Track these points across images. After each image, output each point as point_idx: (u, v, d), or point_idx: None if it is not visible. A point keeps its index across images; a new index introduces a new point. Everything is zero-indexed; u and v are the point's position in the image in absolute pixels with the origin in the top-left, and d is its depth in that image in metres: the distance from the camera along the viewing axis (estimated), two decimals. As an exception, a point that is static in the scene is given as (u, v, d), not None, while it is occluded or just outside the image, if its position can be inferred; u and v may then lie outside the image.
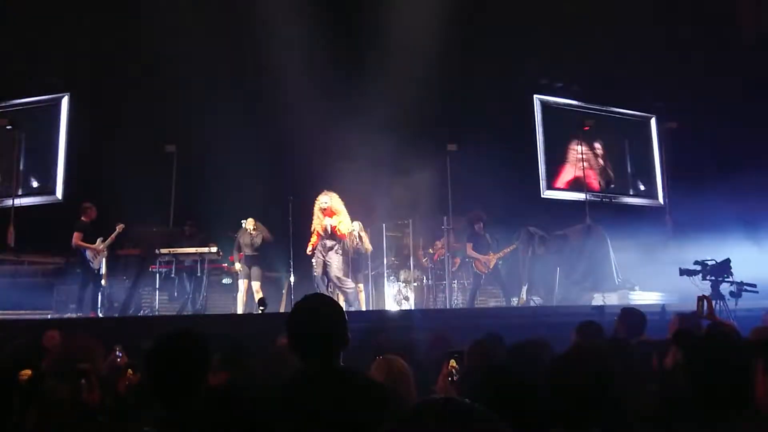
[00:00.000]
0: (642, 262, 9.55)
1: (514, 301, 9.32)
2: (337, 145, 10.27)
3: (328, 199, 8.23)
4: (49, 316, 8.80)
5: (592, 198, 11.04)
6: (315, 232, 8.28)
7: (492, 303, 9.70)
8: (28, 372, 2.77)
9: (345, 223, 8.23)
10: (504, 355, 3.13)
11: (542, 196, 11.66)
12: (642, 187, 12.58)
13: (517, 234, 9.76)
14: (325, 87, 10.26)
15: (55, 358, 3.25)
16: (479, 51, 10.89)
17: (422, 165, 10.16)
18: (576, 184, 11.61)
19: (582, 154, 11.40)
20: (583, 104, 12.26)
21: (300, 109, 10.79)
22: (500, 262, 9.25)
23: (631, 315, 4.43)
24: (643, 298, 8.73)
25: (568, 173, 11.97)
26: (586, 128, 11.10)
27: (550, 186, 11.84)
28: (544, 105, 12.04)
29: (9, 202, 10.20)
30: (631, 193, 12.51)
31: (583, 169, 11.01)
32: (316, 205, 8.29)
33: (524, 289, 9.68)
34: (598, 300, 8.51)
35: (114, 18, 10.21)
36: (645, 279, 9.24)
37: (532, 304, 9.25)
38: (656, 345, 3.50)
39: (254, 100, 10.41)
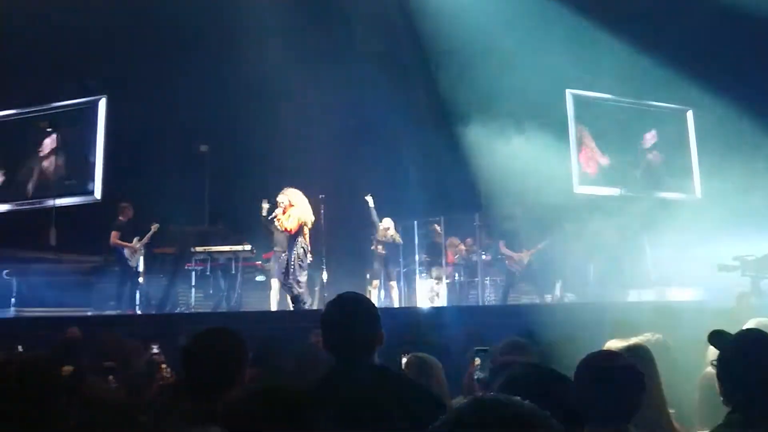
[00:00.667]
0: (679, 257, 9.36)
1: (548, 298, 9.23)
2: (367, 141, 10.29)
3: (284, 198, 8.18)
4: (89, 313, 9.04)
5: (627, 193, 10.84)
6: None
7: (524, 300, 9.63)
8: (70, 368, 2.85)
9: (292, 217, 8.09)
10: (537, 353, 3.11)
11: (575, 191, 11.49)
12: (678, 181, 12.32)
13: (549, 230, 9.66)
14: (354, 84, 10.29)
15: (89, 355, 3.34)
16: (510, 43, 10.78)
17: (455, 161, 10.12)
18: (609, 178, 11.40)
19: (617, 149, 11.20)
20: (617, 98, 12.04)
21: (330, 105, 10.86)
22: (533, 259, 9.17)
23: (666, 312, 4.35)
24: (680, 294, 8.56)
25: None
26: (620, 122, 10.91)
27: (583, 181, 11.65)
28: (577, 99, 11.86)
29: (50, 202, 10.48)
30: (667, 187, 12.25)
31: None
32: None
33: (558, 285, 9.58)
34: (633, 296, 8.38)
35: (148, 21, 10.39)
36: (682, 275, 9.05)
37: (566, 300, 9.15)
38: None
39: (284, 100, 10.48)
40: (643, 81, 11.66)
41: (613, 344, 2.66)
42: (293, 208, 8.04)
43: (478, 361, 2.85)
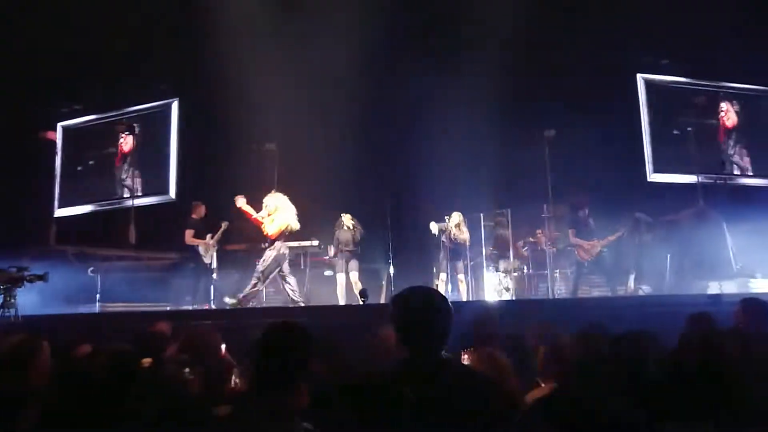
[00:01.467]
0: (763, 247, 8.86)
1: (620, 291, 8.94)
2: (434, 135, 10.24)
3: (271, 202, 8.28)
4: (167, 308, 9.42)
5: (705, 180, 10.33)
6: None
7: (596, 293, 9.36)
8: (149, 360, 2.97)
9: (275, 222, 8.19)
10: (607, 346, 3.02)
11: (648, 179, 11.06)
12: (760, 166, 11.66)
13: (623, 221, 9.34)
14: (419, 79, 10.26)
15: (174, 348, 3.47)
16: (577, 31, 10.49)
17: (521, 152, 9.94)
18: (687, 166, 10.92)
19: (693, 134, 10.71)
20: (692, 81, 11.51)
21: (395, 101, 10.88)
22: (604, 250, 8.89)
23: (753, 305, 4.12)
24: (766, 286, 8.10)
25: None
26: (697, 106, 10.42)
27: (658, 169, 11.20)
28: (649, 84, 11.41)
29: (129, 202, 10.97)
30: (750, 173, 11.62)
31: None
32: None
33: (631, 278, 9.25)
34: (713, 289, 8.00)
35: (215, 24, 10.69)
36: (767, 266, 8.58)
37: (640, 293, 8.83)
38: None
39: (351, 100, 10.56)
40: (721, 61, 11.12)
41: None
42: (278, 213, 8.17)
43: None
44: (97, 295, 9.74)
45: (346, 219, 9.40)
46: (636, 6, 10.18)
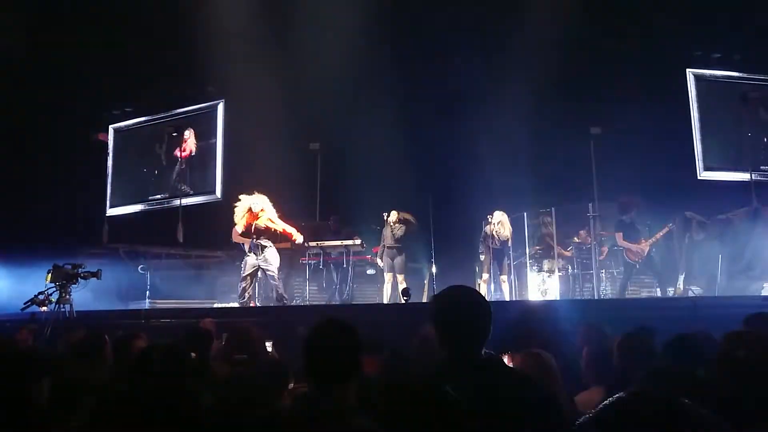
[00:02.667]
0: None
1: (670, 292, 8.71)
2: (476, 133, 10.18)
3: (259, 202, 8.38)
4: (214, 305, 9.62)
5: (759, 177, 9.97)
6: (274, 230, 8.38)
7: (644, 293, 9.15)
8: (194, 354, 3.07)
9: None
10: (657, 349, 2.96)
11: (699, 177, 10.73)
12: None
13: (672, 219, 9.10)
14: (462, 75, 10.22)
15: (221, 345, 3.55)
16: (624, 25, 10.27)
17: (565, 150, 9.79)
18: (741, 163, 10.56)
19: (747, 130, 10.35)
20: (744, 75, 11.11)
21: (438, 98, 10.85)
22: (653, 250, 8.69)
23: None
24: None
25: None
26: (749, 101, 10.05)
27: (709, 166, 10.86)
28: (699, 79, 11.06)
29: (177, 201, 11.23)
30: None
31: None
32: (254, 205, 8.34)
33: (681, 278, 9.01)
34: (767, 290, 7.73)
35: (257, 23, 10.84)
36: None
37: (690, 294, 8.60)
38: None
39: (395, 98, 10.57)
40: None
41: None
42: (265, 214, 8.37)
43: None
44: (147, 292, 10.02)
45: (392, 215, 9.41)
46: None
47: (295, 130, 11.00)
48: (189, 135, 12.32)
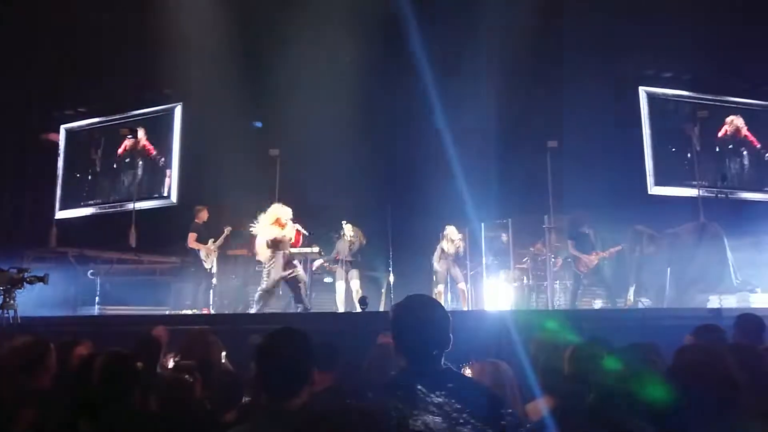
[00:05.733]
0: (763, 262, 8.85)
1: (620, 303, 8.92)
2: (436, 144, 10.27)
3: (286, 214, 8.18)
4: (166, 312, 9.41)
5: (706, 194, 10.33)
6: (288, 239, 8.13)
7: (597, 304, 9.35)
8: (140, 364, 2.99)
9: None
10: (607, 359, 3.01)
11: (649, 192, 11.06)
12: (763, 181, 11.66)
13: (624, 233, 9.34)
14: (422, 86, 10.29)
15: (173, 352, 3.47)
16: (579, 43, 10.53)
17: (521, 163, 9.96)
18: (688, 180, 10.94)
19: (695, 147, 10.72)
20: (695, 95, 11.53)
21: (398, 110, 10.91)
22: (605, 262, 8.89)
23: (748, 320, 4.13)
24: (765, 300, 8.09)
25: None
26: (698, 120, 10.42)
27: (659, 182, 11.20)
28: (651, 97, 11.43)
29: (130, 205, 10.97)
30: (751, 187, 11.61)
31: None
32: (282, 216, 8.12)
33: (631, 290, 9.25)
34: (714, 303, 7.98)
35: (219, 29, 10.72)
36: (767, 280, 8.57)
37: (640, 306, 8.82)
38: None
39: (354, 107, 10.58)
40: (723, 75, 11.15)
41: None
42: (290, 225, 8.18)
43: None
44: (96, 298, 9.74)
45: (347, 229, 9.45)
46: (639, 19, 10.21)
47: (255, 136, 10.89)
48: (144, 137, 12.07)
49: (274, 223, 7.99)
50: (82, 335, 4.26)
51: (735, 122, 11.62)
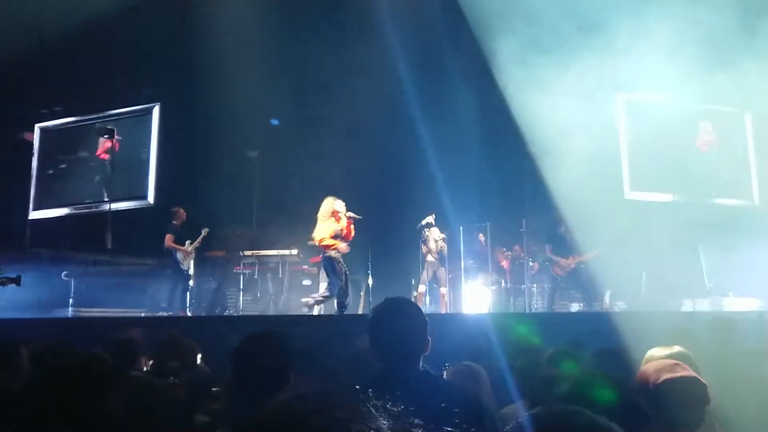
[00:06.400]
0: (736, 266, 9.02)
1: (597, 307, 9.02)
2: (416, 147, 10.29)
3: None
4: (142, 314, 9.30)
5: (680, 198, 10.51)
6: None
7: (573, 307, 9.44)
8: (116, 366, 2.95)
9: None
10: (588, 361, 3.05)
11: (625, 197, 11.21)
12: (735, 187, 11.88)
13: (600, 237, 9.45)
14: (398, 92, 10.32)
15: (150, 355, 3.43)
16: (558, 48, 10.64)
17: (500, 167, 10.03)
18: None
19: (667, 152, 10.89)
20: (668, 100, 11.71)
21: (377, 112, 10.91)
22: (581, 266, 8.99)
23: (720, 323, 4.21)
24: (738, 304, 8.25)
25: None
26: (671, 126, 10.60)
27: (635, 186, 11.35)
28: (628, 103, 11.58)
29: (106, 206, 10.82)
30: (723, 192, 11.82)
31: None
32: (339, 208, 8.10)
33: (608, 293, 9.36)
34: (687, 306, 8.12)
35: (198, 30, 10.64)
36: (740, 284, 8.73)
37: (616, 309, 8.94)
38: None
39: (334, 110, 10.58)
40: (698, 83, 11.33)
41: (656, 352, 2.62)
42: (344, 219, 8.07)
43: None
44: (71, 300, 9.59)
45: None
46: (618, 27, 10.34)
47: (234, 138, 10.83)
48: (121, 138, 11.92)
49: (331, 216, 7.95)
50: (56, 337, 4.19)
51: (707, 129, 11.82)
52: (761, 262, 8.45)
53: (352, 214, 8.08)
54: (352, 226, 8.11)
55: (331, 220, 7.92)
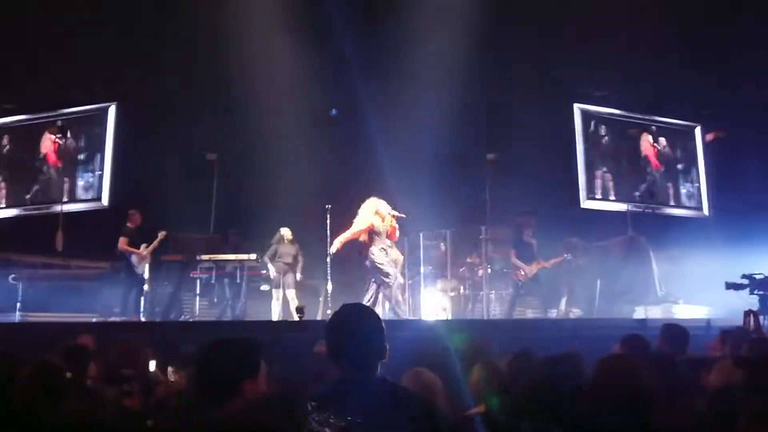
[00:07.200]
0: (686, 274, 9.31)
1: (553, 313, 9.17)
2: (376, 152, 10.31)
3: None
4: (94, 320, 9.05)
5: (634, 209, 10.81)
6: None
7: (530, 314, 9.57)
8: (69, 374, 2.87)
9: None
10: (540, 369, 3.08)
11: (582, 206, 11.46)
12: (686, 198, 12.28)
13: (557, 245, 9.62)
14: (361, 96, 10.33)
15: (102, 362, 3.33)
16: (518, 61, 10.82)
17: (461, 175, 10.13)
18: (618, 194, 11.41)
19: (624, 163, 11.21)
20: (625, 113, 12.04)
21: (337, 116, 10.91)
22: (541, 272, 9.12)
23: (673, 330, 4.31)
24: (688, 311, 8.50)
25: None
26: (628, 138, 10.92)
27: (590, 196, 11.62)
28: (584, 114, 11.86)
29: (57, 207, 10.53)
30: (675, 203, 12.21)
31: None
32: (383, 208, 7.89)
33: (563, 300, 9.52)
34: (640, 313, 8.33)
35: (157, 29, 10.46)
36: (689, 292, 9.00)
37: (571, 316, 9.10)
38: (704, 362, 3.41)
39: (294, 112, 10.52)
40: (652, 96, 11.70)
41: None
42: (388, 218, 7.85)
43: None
44: (18, 304, 9.27)
45: (286, 232, 9.35)
46: (576, 39, 10.58)
47: (193, 140, 10.66)
48: (74, 137, 11.61)
49: (376, 213, 7.73)
50: (2, 343, 4.05)
51: (660, 142, 12.19)
52: (710, 271, 8.73)
53: (397, 213, 7.88)
54: (396, 226, 7.89)
55: (369, 220, 7.68)
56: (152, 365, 3.58)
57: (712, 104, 11.71)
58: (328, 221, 8.80)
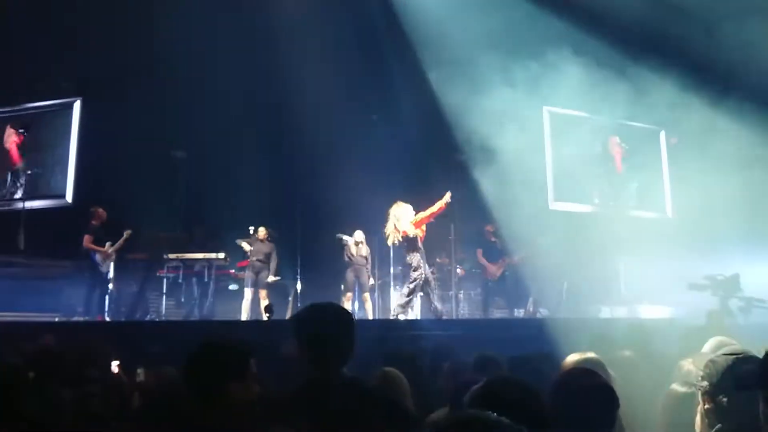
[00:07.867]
0: (650, 275, 9.49)
1: (520, 313, 9.28)
2: (346, 154, 10.30)
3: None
4: (56, 319, 8.85)
5: (599, 210, 10.97)
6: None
7: (497, 314, 9.66)
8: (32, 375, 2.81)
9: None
10: (507, 367, 3.12)
11: (550, 207, 11.59)
12: (650, 200, 12.51)
13: (525, 244, 9.73)
14: (335, 96, 10.30)
15: (62, 362, 3.27)
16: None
17: (430, 175, 10.16)
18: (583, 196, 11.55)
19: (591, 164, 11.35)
20: (591, 115, 12.20)
21: (309, 116, 10.84)
22: (507, 273, 9.22)
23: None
24: (652, 311, 8.68)
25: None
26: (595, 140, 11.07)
27: (558, 197, 11.75)
28: (553, 115, 11.99)
29: (19, 205, 10.26)
30: (639, 205, 12.42)
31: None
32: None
33: (530, 300, 9.64)
34: (606, 313, 8.47)
35: (125, 23, 10.28)
36: (653, 292, 9.18)
37: (538, 316, 9.21)
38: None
39: (265, 111, 10.44)
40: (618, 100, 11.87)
41: (571, 359, 2.72)
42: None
43: None
44: (-24, 303, 9.01)
45: (260, 232, 9.28)
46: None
47: (160, 137, 10.50)
48: (37, 132, 11.32)
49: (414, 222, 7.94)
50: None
51: (619, 142, 12.38)
52: (673, 272, 8.92)
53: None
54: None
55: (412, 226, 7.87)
56: (115, 366, 3.52)
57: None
58: (299, 220, 8.77)
